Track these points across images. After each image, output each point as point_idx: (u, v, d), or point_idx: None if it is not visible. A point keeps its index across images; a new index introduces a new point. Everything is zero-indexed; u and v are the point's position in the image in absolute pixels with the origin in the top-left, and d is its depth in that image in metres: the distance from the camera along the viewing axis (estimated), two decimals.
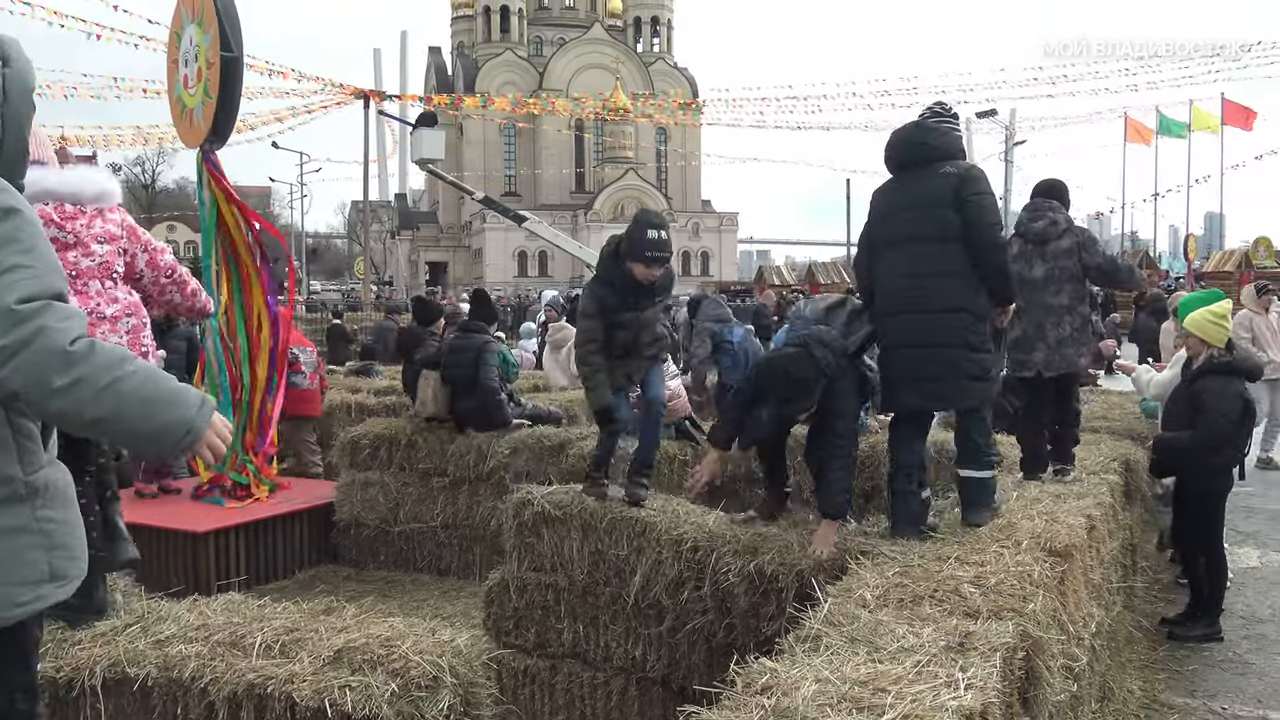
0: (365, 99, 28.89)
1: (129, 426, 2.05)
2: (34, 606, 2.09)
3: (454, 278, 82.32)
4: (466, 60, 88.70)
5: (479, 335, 7.61)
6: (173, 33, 8.43)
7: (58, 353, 1.94)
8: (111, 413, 2.01)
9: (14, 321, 1.91)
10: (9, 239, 1.97)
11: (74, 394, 1.97)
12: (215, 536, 6.96)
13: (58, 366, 1.94)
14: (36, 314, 1.94)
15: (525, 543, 4.93)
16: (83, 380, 1.97)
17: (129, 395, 2.02)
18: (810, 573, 4.02)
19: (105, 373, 1.99)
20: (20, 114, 2.16)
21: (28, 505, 2.07)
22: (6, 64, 2.14)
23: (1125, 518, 5.69)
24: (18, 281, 1.94)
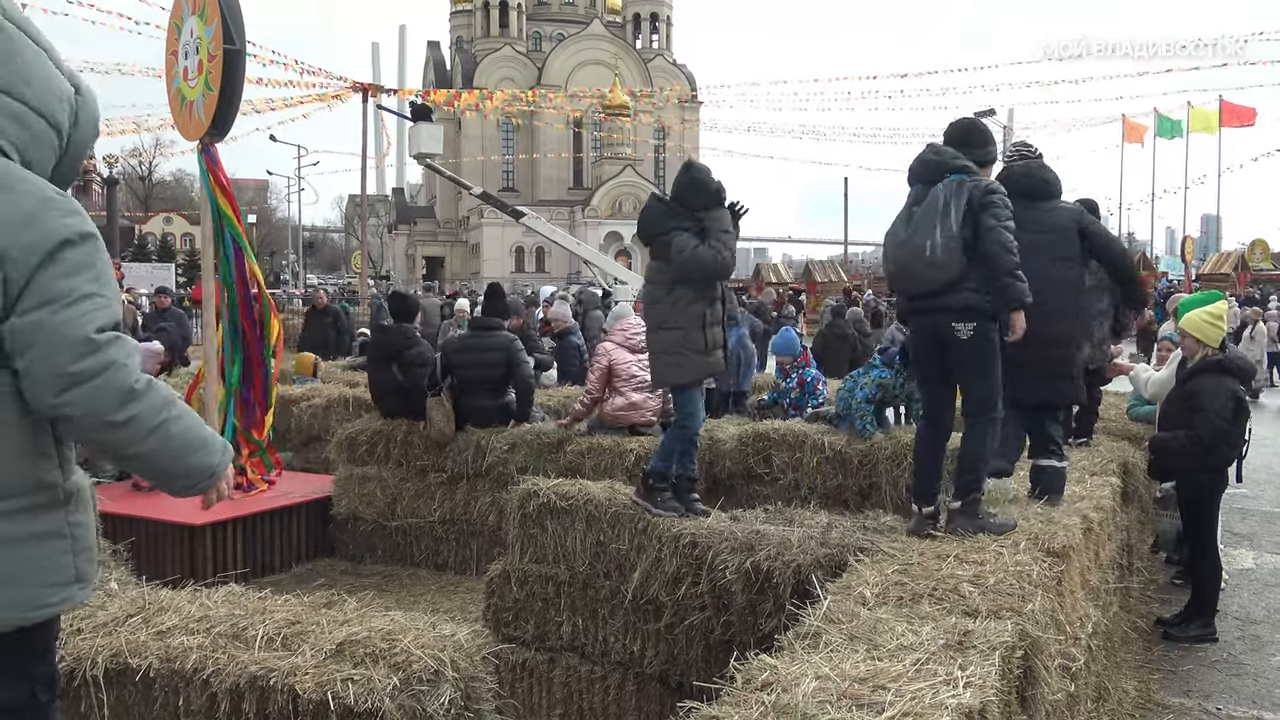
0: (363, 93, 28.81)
1: (163, 465, 2.17)
2: (59, 608, 2.13)
3: (451, 273, 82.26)
4: (465, 55, 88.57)
5: (501, 334, 7.57)
6: (172, 24, 8.41)
7: (124, 389, 2.03)
8: (152, 451, 2.12)
9: (90, 351, 1.98)
10: (86, 265, 2.02)
11: (127, 430, 2.05)
12: (212, 529, 6.96)
13: (119, 401, 2.02)
14: (108, 345, 2.01)
15: (529, 534, 4.95)
16: (136, 418, 2.05)
17: (173, 438, 2.13)
18: (809, 570, 4.03)
19: (156, 414, 2.08)
20: (84, 139, 2.25)
21: (63, 511, 2.12)
22: (78, 92, 2.21)
23: (1123, 519, 5.71)
24: (93, 311, 2.00)
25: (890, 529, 4.46)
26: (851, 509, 5.67)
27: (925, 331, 4.29)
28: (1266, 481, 10.25)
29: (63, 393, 1.97)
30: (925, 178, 4.26)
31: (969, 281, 4.08)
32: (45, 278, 1.97)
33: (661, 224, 4.81)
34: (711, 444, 7.00)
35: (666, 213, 4.84)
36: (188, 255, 69.96)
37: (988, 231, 4.07)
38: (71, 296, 1.99)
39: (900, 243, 4.22)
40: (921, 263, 4.10)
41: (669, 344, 4.77)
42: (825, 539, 4.30)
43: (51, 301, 1.97)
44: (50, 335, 1.96)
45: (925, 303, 4.21)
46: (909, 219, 4.21)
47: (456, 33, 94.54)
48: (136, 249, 69.19)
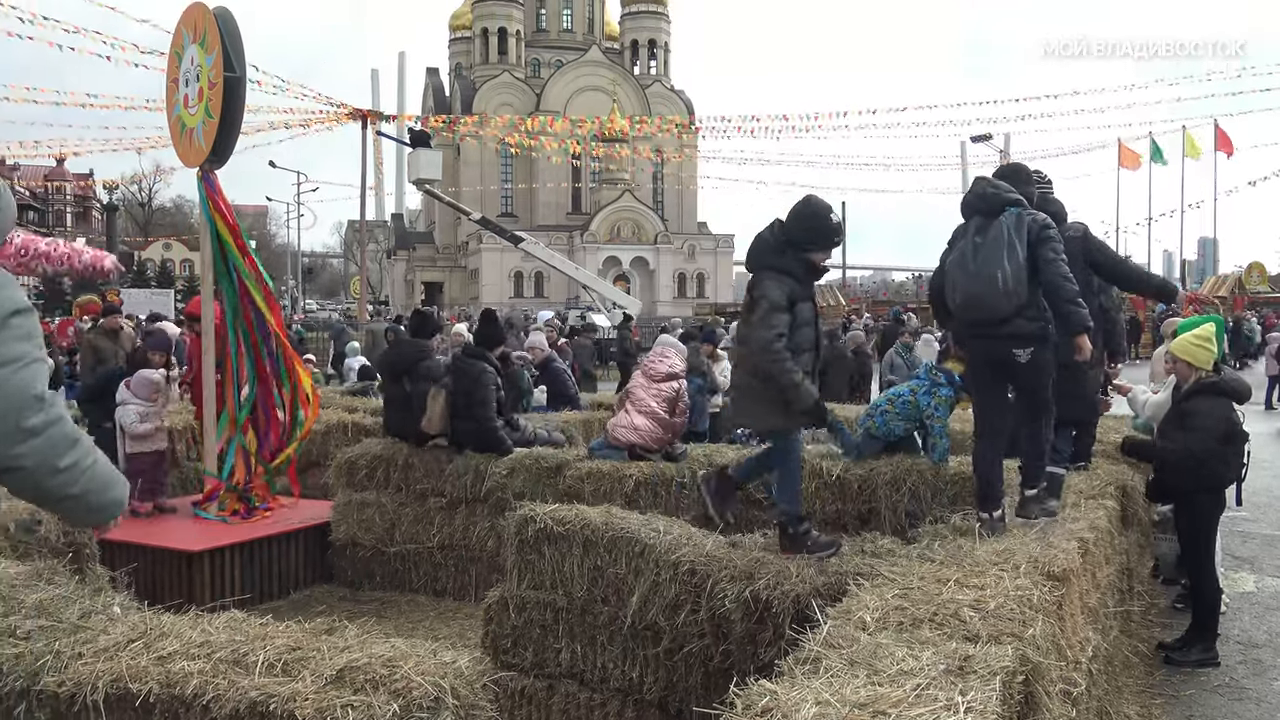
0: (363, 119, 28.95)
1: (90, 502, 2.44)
2: None
3: (450, 298, 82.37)
4: (464, 81, 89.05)
5: (477, 362, 7.61)
6: (173, 52, 8.48)
7: (69, 439, 2.33)
8: (85, 491, 2.40)
9: (41, 407, 2.26)
10: (30, 334, 2.29)
11: (69, 474, 2.33)
12: (210, 555, 6.95)
13: (65, 449, 2.31)
14: (52, 403, 2.29)
15: (526, 560, 4.94)
16: (76, 464, 2.35)
17: (97, 476, 2.43)
18: (808, 596, 4.02)
19: (86, 457, 2.37)
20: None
21: None
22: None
23: (1121, 542, 5.70)
24: (40, 373, 2.29)
25: (889, 552, 4.46)
26: (850, 533, 5.66)
27: (986, 354, 4.73)
28: (1267, 504, 10.24)
29: (19, 445, 2.22)
30: (984, 210, 4.65)
31: (1029, 309, 4.51)
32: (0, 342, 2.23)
33: (762, 258, 4.63)
34: (711, 469, 6.99)
35: (772, 247, 4.62)
36: (187, 281, 70.10)
37: (1048, 264, 4.52)
38: (26, 359, 2.25)
39: (971, 274, 4.55)
40: (995, 293, 4.46)
41: (754, 390, 4.65)
42: (824, 565, 4.30)
43: (10, 362, 2.22)
44: (9, 394, 2.21)
45: (990, 329, 4.58)
46: (976, 252, 4.56)
47: (455, 59, 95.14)
48: (136, 275, 69.28)
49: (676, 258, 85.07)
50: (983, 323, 4.59)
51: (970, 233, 4.64)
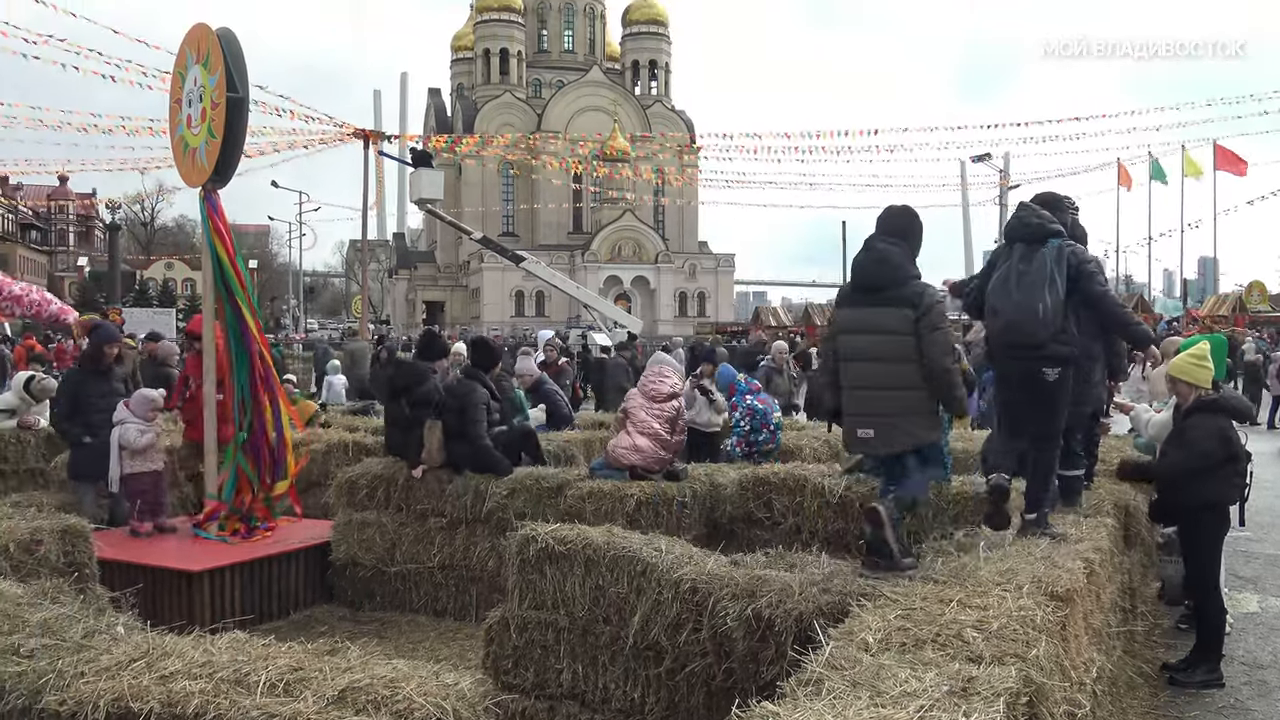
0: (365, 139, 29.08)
1: None
2: None
3: (451, 317, 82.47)
4: (466, 102, 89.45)
5: (468, 383, 7.63)
6: (176, 73, 8.53)
7: None
8: None
9: None
10: None
11: None
12: (210, 575, 6.93)
13: None
14: None
15: (527, 580, 4.93)
16: None
17: None
18: (810, 616, 4.01)
19: None
20: None
21: None
22: None
23: (1124, 561, 5.69)
24: None
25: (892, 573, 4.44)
26: (853, 553, 5.65)
27: (1019, 373, 5.02)
28: (1270, 524, 10.21)
29: None
30: (1028, 238, 5.00)
31: (1062, 334, 4.89)
32: None
33: (904, 270, 4.71)
34: (712, 488, 6.99)
35: (908, 257, 4.76)
36: (188, 300, 70.23)
37: (1100, 299, 5.07)
38: None
39: (1015, 302, 4.91)
40: (1035, 322, 4.83)
41: (918, 404, 4.63)
42: (827, 584, 4.28)
43: None
44: None
45: (1026, 352, 4.92)
46: (1020, 280, 4.91)
47: (457, 80, 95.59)
48: (138, 294, 69.40)
49: (677, 277, 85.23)
50: (1020, 345, 4.94)
51: (1015, 259, 4.98)
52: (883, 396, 4.62)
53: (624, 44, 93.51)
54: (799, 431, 9.62)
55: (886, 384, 4.61)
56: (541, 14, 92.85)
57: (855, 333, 4.74)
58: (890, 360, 4.60)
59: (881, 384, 4.61)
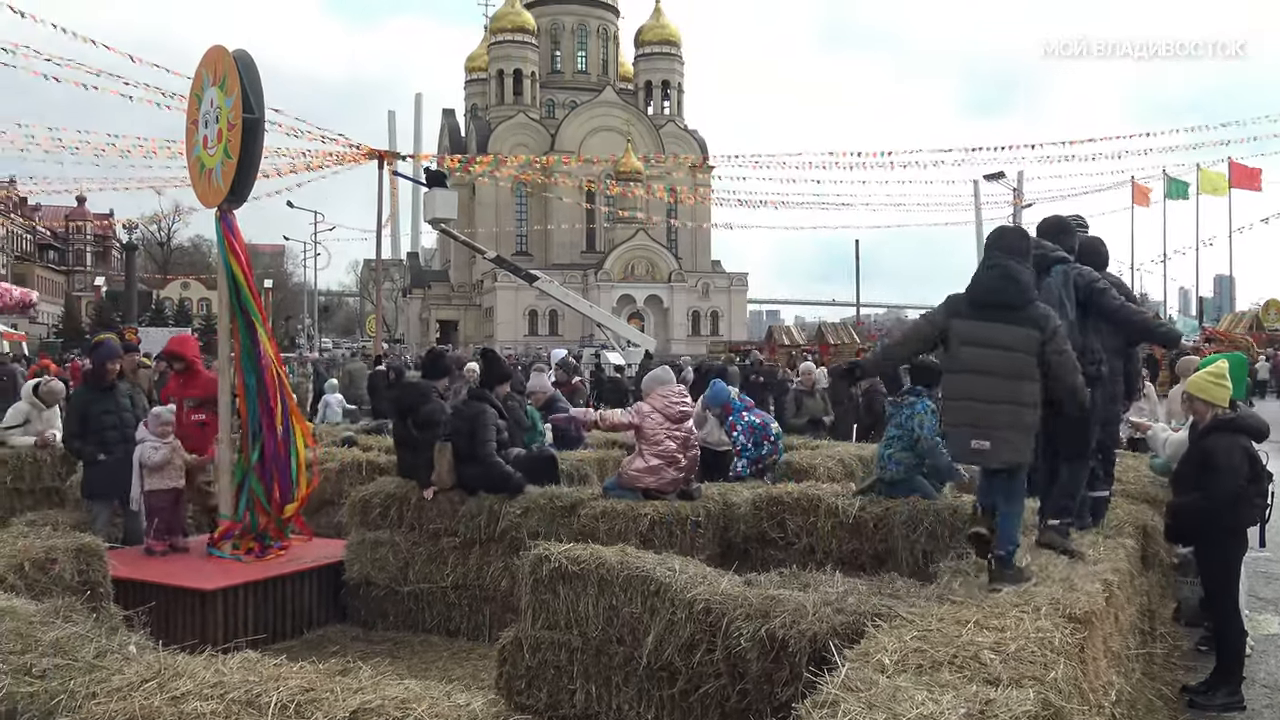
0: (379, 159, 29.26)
1: None
2: None
3: (465, 336, 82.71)
4: (480, 122, 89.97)
5: (476, 404, 7.62)
6: (192, 95, 8.60)
7: None
8: None
9: None
10: None
11: None
12: (224, 594, 6.93)
13: None
14: None
15: (541, 600, 4.91)
16: None
17: None
18: (825, 636, 3.98)
19: None
20: None
21: None
22: None
23: (1142, 583, 5.64)
24: None
25: (907, 593, 4.41)
26: (868, 573, 5.61)
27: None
28: None
29: None
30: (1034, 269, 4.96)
31: (1083, 355, 4.96)
32: None
33: (1033, 292, 4.81)
34: (725, 508, 6.96)
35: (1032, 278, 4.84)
36: (204, 320, 70.65)
37: (1116, 311, 5.22)
38: None
39: None
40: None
41: (1028, 421, 4.67)
42: (842, 604, 4.25)
43: None
44: None
45: None
46: None
47: (471, 101, 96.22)
48: (154, 313, 69.85)
49: (690, 296, 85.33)
50: None
51: None
52: (999, 410, 4.66)
53: (637, 64, 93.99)
54: (813, 450, 9.57)
55: (1003, 398, 4.66)
56: (555, 35, 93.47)
57: (978, 346, 4.74)
58: (1009, 377, 4.67)
59: (998, 398, 4.66)
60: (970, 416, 4.68)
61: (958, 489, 6.97)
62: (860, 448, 9.57)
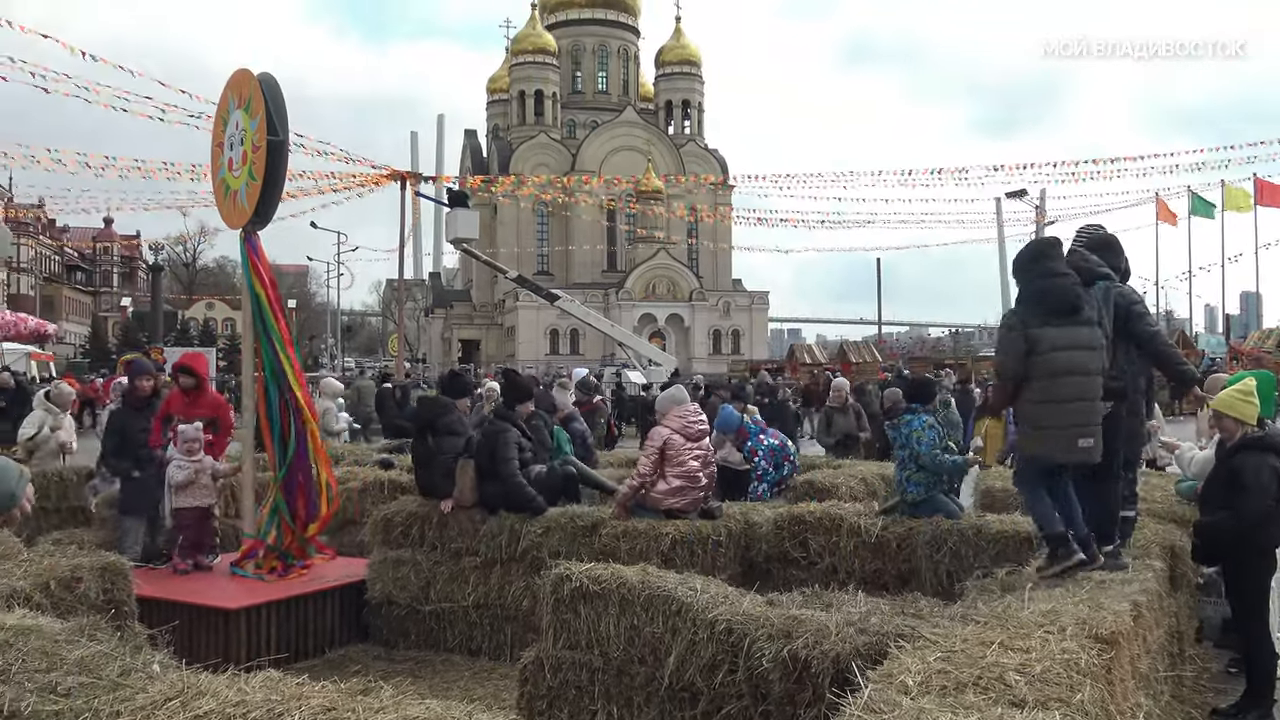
0: (402, 181, 29.48)
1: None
2: None
3: (486, 355, 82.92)
4: (501, 143, 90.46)
5: (498, 423, 7.64)
6: (218, 117, 8.70)
7: None
8: None
9: None
10: None
11: None
12: (247, 613, 6.96)
13: None
14: None
15: (562, 619, 4.90)
16: None
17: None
18: (848, 657, 3.95)
19: None
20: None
21: None
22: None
23: (1170, 604, 5.57)
24: None
25: (931, 614, 4.38)
26: (891, 593, 5.57)
27: None
28: None
29: None
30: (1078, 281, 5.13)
31: (1112, 370, 5.15)
32: None
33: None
34: (747, 527, 6.94)
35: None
36: (228, 340, 71.21)
37: (1150, 339, 5.41)
38: None
39: None
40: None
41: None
42: (864, 625, 4.22)
43: None
44: None
45: None
46: None
47: (493, 121, 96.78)
48: (179, 333, 70.48)
49: (711, 314, 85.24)
50: None
51: None
52: (1099, 407, 5.02)
53: (657, 84, 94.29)
54: (835, 470, 9.53)
55: (1097, 395, 5.02)
56: (576, 56, 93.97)
57: (1075, 349, 5.00)
58: (1097, 375, 5.05)
59: (1095, 395, 5.02)
60: (1082, 416, 4.96)
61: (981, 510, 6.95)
62: (882, 466, 9.52)
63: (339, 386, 15.60)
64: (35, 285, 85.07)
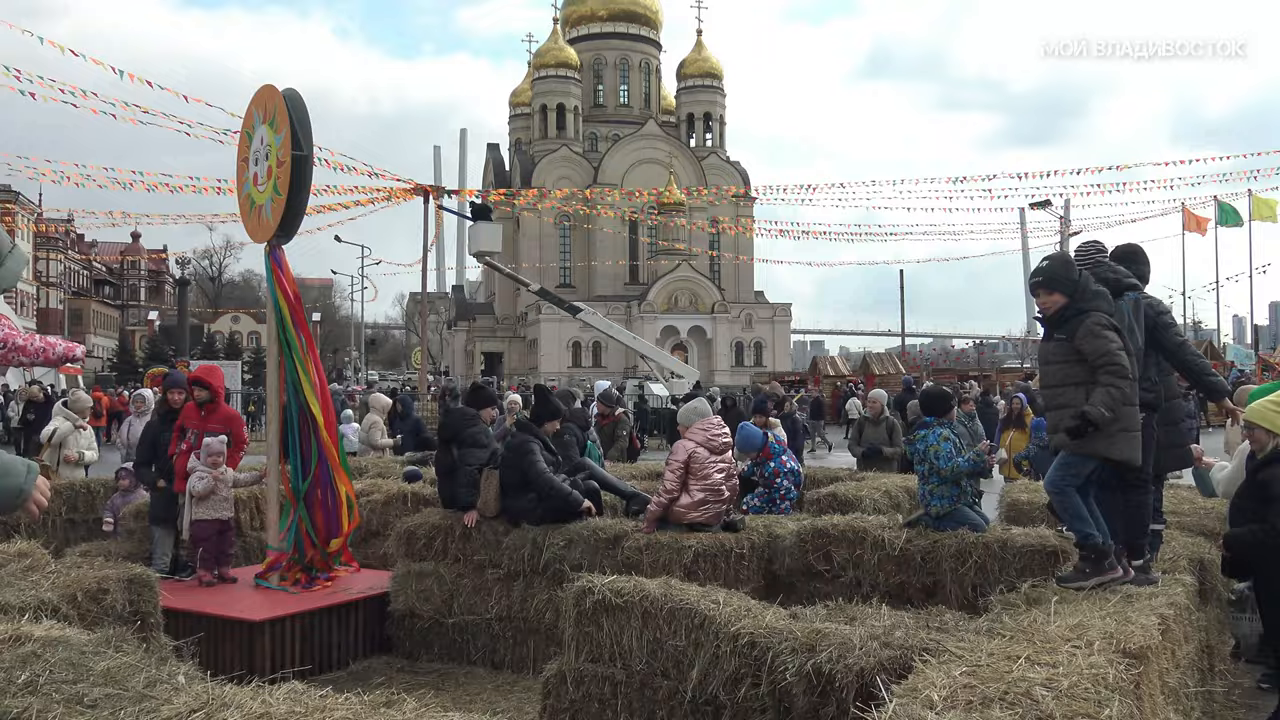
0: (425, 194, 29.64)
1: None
2: None
3: (509, 368, 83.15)
4: (523, 156, 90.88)
5: (522, 435, 7.66)
6: (244, 132, 8.78)
7: None
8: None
9: None
10: None
11: None
12: (271, 625, 6.99)
13: None
14: None
15: (584, 632, 4.90)
16: None
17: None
18: (872, 671, 3.92)
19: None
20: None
21: None
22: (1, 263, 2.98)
23: (1200, 618, 5.49)
24: None
25: (956, 627, 4.34)
26: (915, 606, 5.53)
27: None
28: None
29: None
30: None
31: (1144, 381, 5.11)
32: None
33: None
34: (770, 540, 6.91)
35: None
36: (254, 353, 71.75)
37: (1179, 349, 5.42)
38: None
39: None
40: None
41: None
42: (889, 639, 4.20)
43: None
44: None
45: None
46: None
47: (515, 135, 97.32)
48: (205, 347, 71.11)
49: (734, 327, 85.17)
50: None
51: None
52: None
53: (679, 97, 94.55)
54: (859, 482, 9.48)
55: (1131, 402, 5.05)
56: (598, 70, 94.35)
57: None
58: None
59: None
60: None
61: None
62: (906, 479, 9.46)
63: (387, 401, 15.66)
64: (64, 299, 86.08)
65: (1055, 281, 5.01)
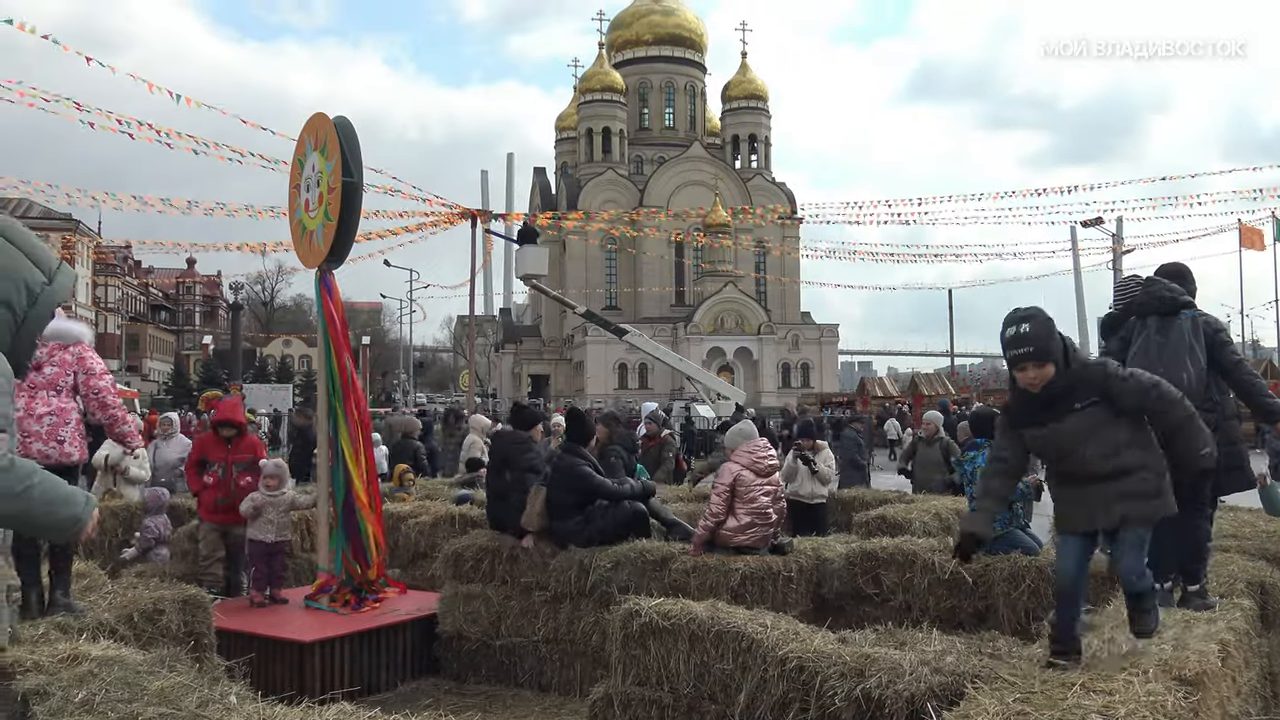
0: (473, 219, 29.95)
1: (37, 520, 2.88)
2: None
3: (556, 390, 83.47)
4: (570, 180, 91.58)
5: (568, 456, 7.67)
6: (295, 160, 8.94)
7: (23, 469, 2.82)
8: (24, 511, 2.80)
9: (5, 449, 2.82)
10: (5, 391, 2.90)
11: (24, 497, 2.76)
12: (321, 646, 7.05)
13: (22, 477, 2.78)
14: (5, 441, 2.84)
15: (631, 655, 4.88)
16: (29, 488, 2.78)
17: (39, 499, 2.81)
18: (922, 698, 3.87)
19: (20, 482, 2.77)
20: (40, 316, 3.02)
21: None
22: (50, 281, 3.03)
23: (1262, 644, 5.35)
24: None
25: (1009, 653, 4.27)
26: (966, 631, 5.45)
27: None
28: None
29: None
30: (1161, 310, 5.17)
31: (1205, 403, 4.92)
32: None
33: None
34: (818, 563, 6.85)
35: None
36: (305, 376, 72.80)
37: (1235, 367, 5.23)
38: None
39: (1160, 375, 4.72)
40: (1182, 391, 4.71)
41: None
42: (940, 664, 4.13)
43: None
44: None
45: None
46: (1160, 352, 5.04)
47: (561, 159, 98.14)
48: (257, 370, 72.25)
49: (780, 348, 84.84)
50: None
51: (1150, 331, 5.15)
52: None
53: (724, 119, 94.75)
54: (908, 505, 9.38)
55: None
56: (643, 93, 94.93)
57: None
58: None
59: None
60: None
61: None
62: (956, 501, 9.34)
63: (487, 422, 15.76)
64: (121, 325, 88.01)
65: (1048, 352, 4.04)
